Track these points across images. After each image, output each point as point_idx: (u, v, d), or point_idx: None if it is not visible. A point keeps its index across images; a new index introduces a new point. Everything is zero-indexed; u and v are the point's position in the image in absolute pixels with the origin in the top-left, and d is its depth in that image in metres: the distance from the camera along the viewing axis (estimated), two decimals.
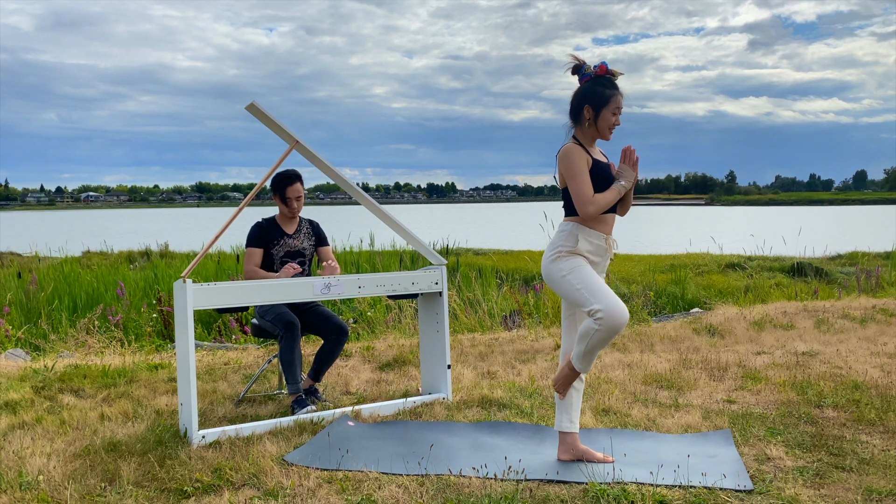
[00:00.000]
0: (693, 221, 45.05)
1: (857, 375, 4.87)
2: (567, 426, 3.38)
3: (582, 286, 3.16)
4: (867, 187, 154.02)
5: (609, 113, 3.20)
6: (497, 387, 4.71)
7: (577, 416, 3.39)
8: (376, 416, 4.16)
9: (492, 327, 7.66)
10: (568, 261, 3.21)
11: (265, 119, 4.08)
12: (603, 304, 3.08)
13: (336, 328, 4.45)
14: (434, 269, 4.48)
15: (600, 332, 3.10)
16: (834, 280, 12.74)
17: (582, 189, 3.15)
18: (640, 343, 6.20)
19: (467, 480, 3.15)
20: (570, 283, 3.19)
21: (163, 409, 4.30)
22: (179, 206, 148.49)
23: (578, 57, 3.26)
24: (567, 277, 3.19)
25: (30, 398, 4.46)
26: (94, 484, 3.12)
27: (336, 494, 3.01)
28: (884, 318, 7.08)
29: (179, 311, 3.74)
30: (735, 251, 16.85)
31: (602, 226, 3.25)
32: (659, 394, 4.58)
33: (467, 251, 18.82)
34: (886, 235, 18.78)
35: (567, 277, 3.19)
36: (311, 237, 4.65)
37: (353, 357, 5.70)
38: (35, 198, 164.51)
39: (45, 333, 7.41)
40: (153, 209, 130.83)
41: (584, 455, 3.38)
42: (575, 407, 3.38)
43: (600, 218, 3.23)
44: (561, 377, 3.32)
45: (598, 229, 3.24)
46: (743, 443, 3.63)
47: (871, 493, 2.99)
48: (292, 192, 4.50)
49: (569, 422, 3.38)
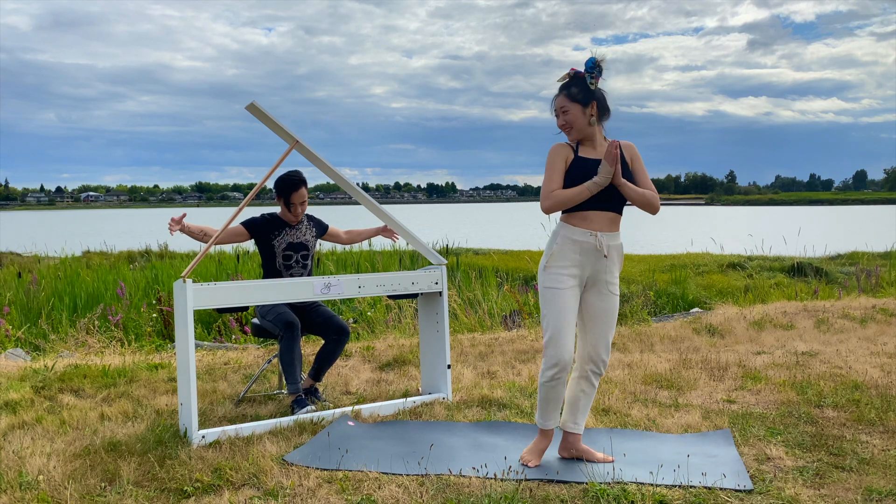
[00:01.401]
0: (693, 221, 45.05)
1: (857, 375, 4.87)
2: (571, 427, 3.40)
3: (548, 312, 3.26)
4: (867, 187, 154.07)
5: (555, 115, 3.34)
6: (497, 387, 4.71)
7: (582, 420, 3.41)
8: (376, 416, 4.17)
9: (492, 327, 7.66)
10: (553, 276, 3.25)
11: (265, 119, 4.08)
12: (549, 344, 3.25)
13: (337, 328, 4.45)
14: (434, 269, 4.49)
15: (542, 373, 3.29)
16: (834, 280, 12.74)
17: (545, 185, 3.27)
18: (640, 343, 6.20)
19: (467, 480, 3.15)
20: (544, 300, 3.29)
21: (163, 408, 4.30)
22: (179, 206, 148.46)
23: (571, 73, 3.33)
24: (544, 293, 3.28)
25: (30, 398, 4.46)
26: (94, 484, 3.12)
27: (336, 494, 3.01)
28: (884, 318, 7.08)
29: (179, 311, 3.74)
30: (735, 251, 16.86)
31: (587, 223, 3.25)
32: (659, 394, 4.58)
33: (467, 251, 18.82)
34: (886, 235, 18.79)
35: (544, 293, 3.28)
36: (312, 230, 4.65)
37: (353, 357, 5.70)
38: (35, 198, 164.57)
39: (45, 333, 7.41)
40: (153, 209, 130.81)
41: (584, 454, 3.39)
42: (582, 411, 3.40)
43: (583, 215, 3.25)
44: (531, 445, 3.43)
45: (583, 226, 3.25)
46: (743, 443, 3.63)
47: (871, 493, 2.99)
48: (297, 198, 4.49)
49: (573, 423, 3.40)
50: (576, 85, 3.28)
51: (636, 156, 3.37)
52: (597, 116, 3.29)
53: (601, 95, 3.31)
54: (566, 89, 3.29)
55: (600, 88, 3.31)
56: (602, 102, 3.30)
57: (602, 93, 3.31)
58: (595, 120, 3.29)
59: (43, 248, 18.57)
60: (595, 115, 3.28)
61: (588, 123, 3.28)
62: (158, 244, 18.83)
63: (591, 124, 3.28)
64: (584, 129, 3.30)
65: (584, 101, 3.27)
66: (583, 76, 3.27)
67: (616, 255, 3.34)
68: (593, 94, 3.27)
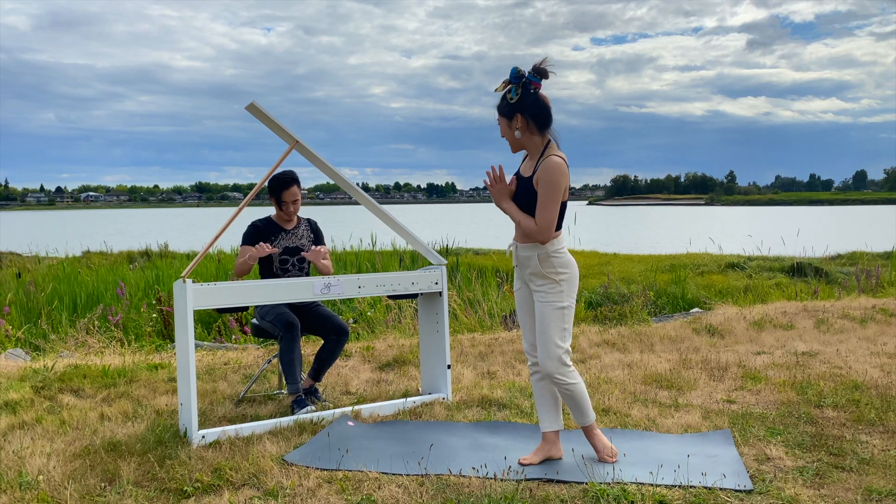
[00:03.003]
0: (693, 221, 45.06)
1: (856, 375, 4.87)
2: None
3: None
4: (867, 187, 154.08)
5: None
6: (497, 387, 4.71)
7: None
8: (376, 416, 4.17)
9: (492, 327, 7.65)
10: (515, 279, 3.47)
11: (265, 119, 4.08)
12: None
13: (337, 328, 4.45)
14: (434, 269, 4.48)
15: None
16: (834, 280, 12.73)
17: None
18: (640, 343, 6.20)
19: (467, 480, 3.15)
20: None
21: (163, 409, 4.30)
22: (179, 206, 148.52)
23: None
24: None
25: (30, 398, 4.46)
26: (94, 484, 3.12)
27: (336, 494, 3.01)
28: (884, 318, 7.08)
29: (179, 311, 3.74)
30: (735, 251, 16.86)
31: (515, 234, 3.37)
32: (659, 394, 4.58)
33: (467, 251, 18.80)
34: (886, 235, 18.80)
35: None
36: (309, 235, 4.65)
37: (352, 357, 5.70)
38: (35, 198, 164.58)
39: (45, 333, 7.41)
40: (153, 209, 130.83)
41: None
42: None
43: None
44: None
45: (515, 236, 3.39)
46: (743, 443, 3.63)
47: (870, 493, 3.00)
48: (288, 196, 4.49)
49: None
50: (503, 97, 3.20)
51: (543, 179, 3.13)
52: (525, 129, 3.16)
53: (534, 104, 3.13)
54: (500, 101, 3.23)
55: (542, 95, 3.15)
56: (535, 111, 3.14)
57: (539, 101, 3.14)
58: (522, 132, 3.17)
59: (43, 248, 18.56)
60: (522, 126, 3.16)
61: (514, 136, 3.20)
62: (158, 244, 18.83)
63: (519, 137, 3.19)
64: (515, 142, 3.23)
65: (508, 114, 3.19)
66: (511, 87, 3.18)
67: (529, 265, 3.25)
68: (515, 106, 3.14)
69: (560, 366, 3.23)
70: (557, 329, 3.23)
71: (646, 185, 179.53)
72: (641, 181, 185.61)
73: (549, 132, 3.20)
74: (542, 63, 3.14)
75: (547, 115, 3.17)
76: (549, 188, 3.11)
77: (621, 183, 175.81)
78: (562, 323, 3.23)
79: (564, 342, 3.24)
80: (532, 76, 3.13)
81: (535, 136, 3.19)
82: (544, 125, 3.18)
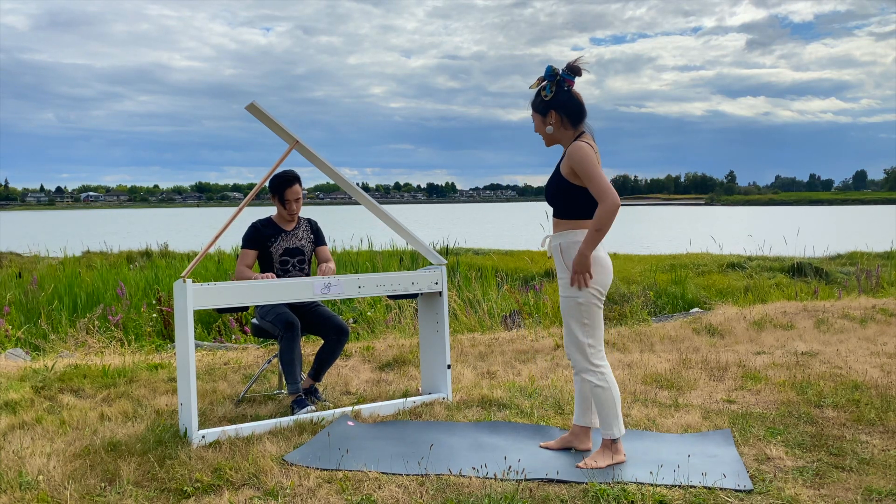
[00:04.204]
0: (693, 221, 45.05)
1: (856, 375, 4.87)
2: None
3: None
4: (867, 187, 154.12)
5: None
6: (497, 387, 4.71)
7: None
8: (376, 416, 4.17)
9: (492, 327, 7.65)
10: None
11: (265, 119, 4.08)
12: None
13: (337, 328, 4.45)
14: (434, 269, 4.48)
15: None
16: (834, 280, 12.73)
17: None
18: (640, 343, 6.20)
19: (467, 480, 3.15)
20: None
21: (163, 409, 4.30)
22: (179, 206, 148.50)
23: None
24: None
25: (30, 398, 4.46)
26: (94, 484, 3.12)
27: (336, 494, 3.01)
28: (884, 318, 7.08)
29: (179, 311, 3.74)
30: (735, 251, 16.86)
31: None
32: (659, 394, 4.58)
33: (467, 251, 18.81)
34: (886, 235, 18.77)
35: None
36: (309, 236, 4.65)
37: (352, 357, 5.70)
38: (35, 198, 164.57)
39: (45, 333, 7.41)
40: (153, 209, 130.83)
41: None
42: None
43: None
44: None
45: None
46: (743, 443, 3.63)
47: (870, 493, 3.00)
48: (291, 195, 4.49)
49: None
50: (537, 94, 3.30)
51: (573, 160, 3.18)
52: (559, 125, 3.26)
53: (567, 101, 3.23)
54: (534, 98, 3.33)
55: (575, 92, 3.25)
56: (569, 108, 3.24)
57: (572, 98, 3.24)
58: (555, 129, 3.27)
59: (43, 248, 18.56)
60: (556, 122, 3.26)
61: (546, 132, 3.29)
62: (158, 244, 18.83)
63: (551, 133, 3.28)
64: (549, 137, 3.32)
65: (542, 111, 3.28)
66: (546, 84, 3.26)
67: (557, 254, 3.32)
68: (549, 103, 3.24)
69: (585, 361, 3.31)
70: (577, 323, 3.29)
71: (646, 185, 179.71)
72: (641, 181, 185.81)
73: (582, 126, 3.30)
74: (576, 61, 3.23)
75: (580, 111, 3.27)
76: (581, 165, 3.17)
77: (621, 183, 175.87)
78: (580, 317, 3.27)
79: (587, 337, 3.28)
80: (566, 74, 3.23)
81: (567, 131, 3.29)
82: (577, 121, 3.28)
